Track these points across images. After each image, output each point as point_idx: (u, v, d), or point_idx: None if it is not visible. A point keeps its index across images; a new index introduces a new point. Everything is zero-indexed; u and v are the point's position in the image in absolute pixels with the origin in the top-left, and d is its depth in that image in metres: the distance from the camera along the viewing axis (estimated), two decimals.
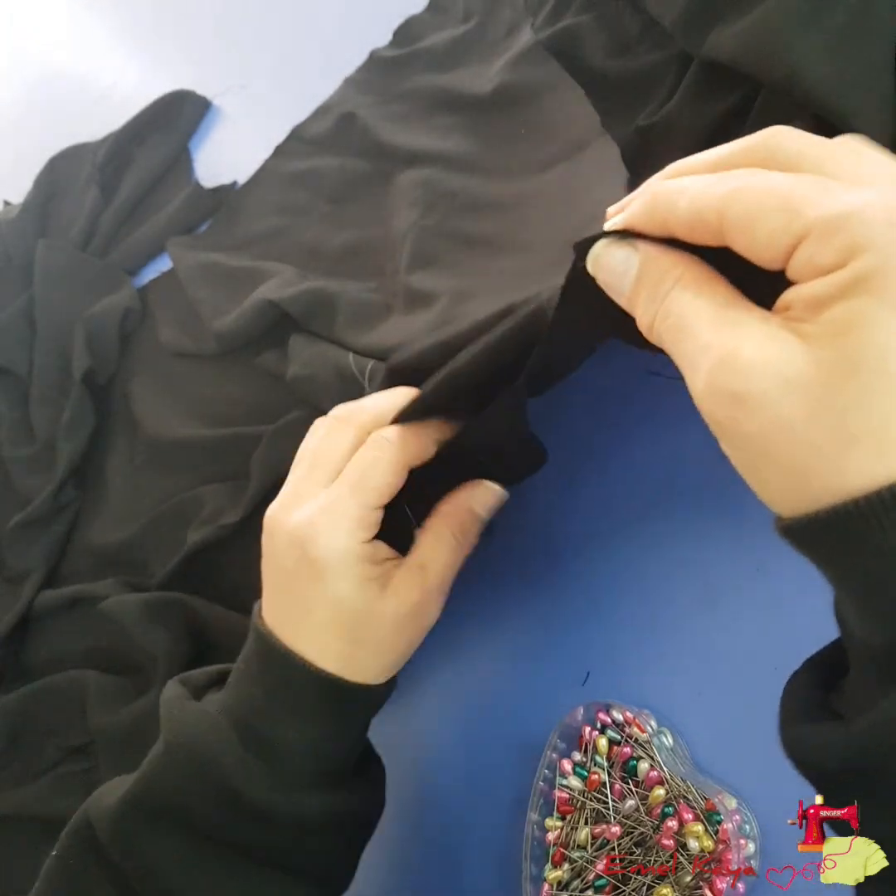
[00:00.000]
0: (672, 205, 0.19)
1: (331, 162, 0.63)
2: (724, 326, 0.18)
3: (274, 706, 0.27)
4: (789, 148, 0.19)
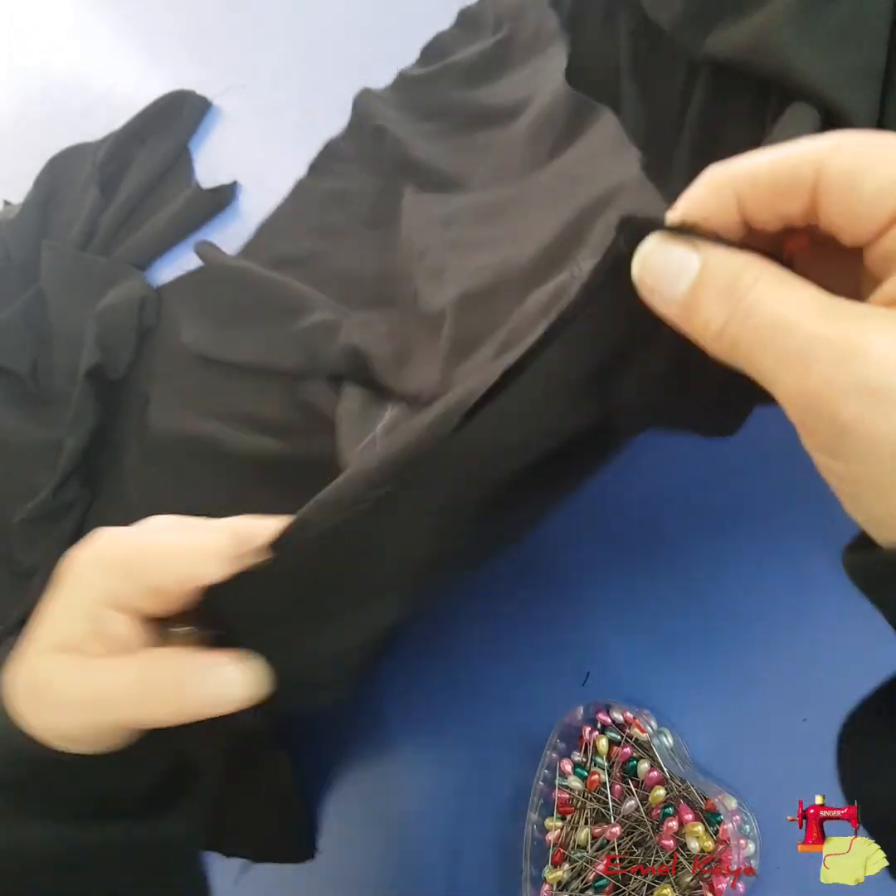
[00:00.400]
0: (749, 170, 0.17)
1: (367, 182, 0.61)
2: (841, 319, 0.16)
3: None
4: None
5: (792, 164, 0.17)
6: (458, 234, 0.51)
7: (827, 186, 0.16)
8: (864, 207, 0.16)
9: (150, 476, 0.57)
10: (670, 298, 0.18)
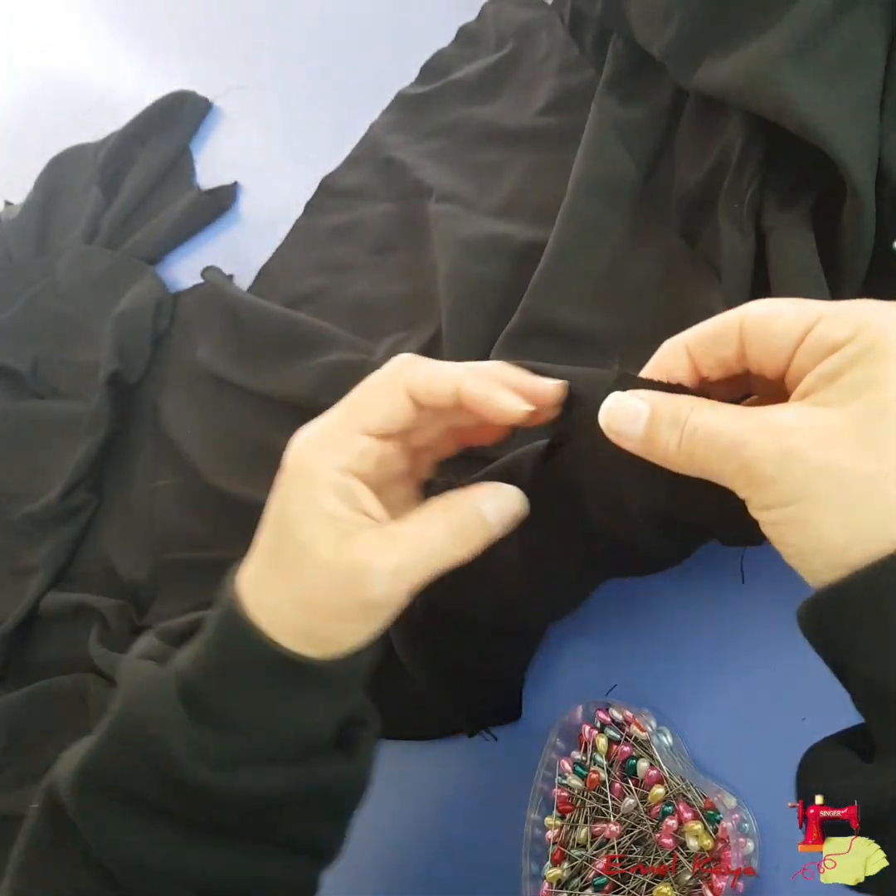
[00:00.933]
0: (693, 329, 0.23)
1: (370, 211, 0.60)
2: (754, 415, 0.21)
3: (226, 678, 0.26)
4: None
5: (723, 319, 0.23)
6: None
7: (748, 330, 0.22)
8: (776, 340, 0.22)
9: (155, 490, 0.57)
10: (633, 436, 0.23)
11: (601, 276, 0.41)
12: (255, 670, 0.26)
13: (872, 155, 0.31)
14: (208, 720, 0.26)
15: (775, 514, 0.21)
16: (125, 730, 0.26)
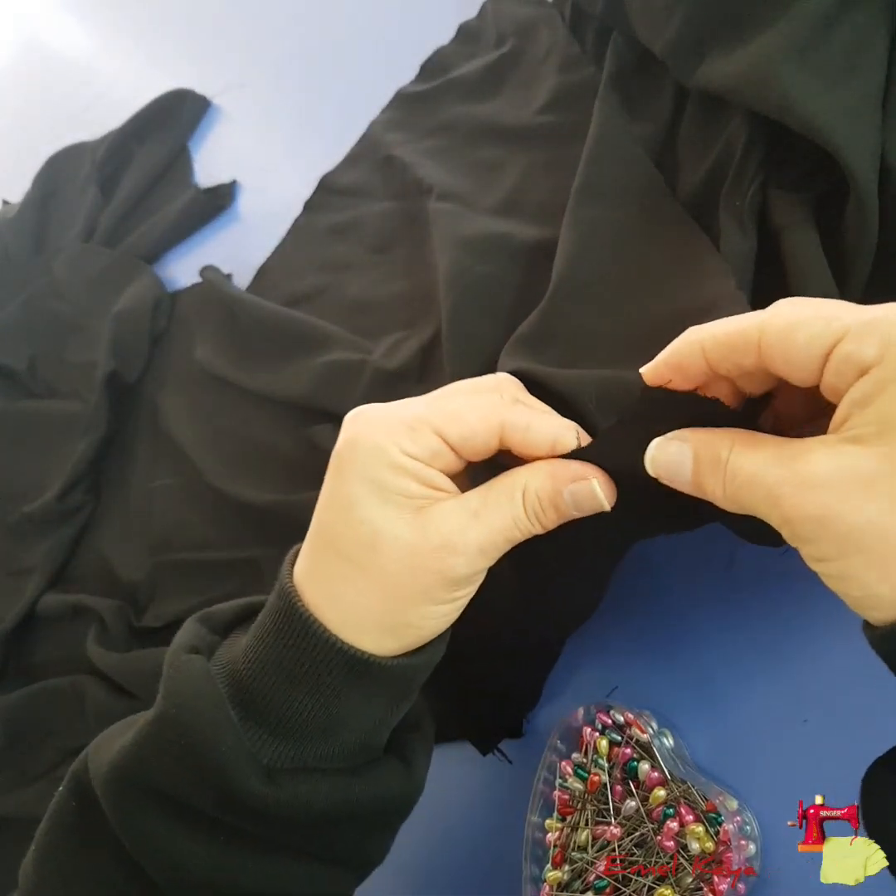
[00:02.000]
0: (710, 331, 0.22)
1: (370, 209, 0.60)
2: (788, 460, 0.20)
3: (286, 677, 0.24)
4: None
5: (741, 328, 0.22)
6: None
7: (768, 343, 0.21)
8: (799, 355, 0.20)
9: (153, 490, 0.57)
10: (684, 483, 0.23)
11: (621, 281, 0.40)
12: (318, 669, 0.24)
13: (875, 153, 0.31)
14: (263, 722, 0.24)
15: (823, 567, 0.20)
16: (169, 730, 0.25)
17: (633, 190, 0.42)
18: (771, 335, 0.21)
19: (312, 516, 0.27)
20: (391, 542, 0.24)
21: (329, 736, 0.25)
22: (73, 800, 0.26)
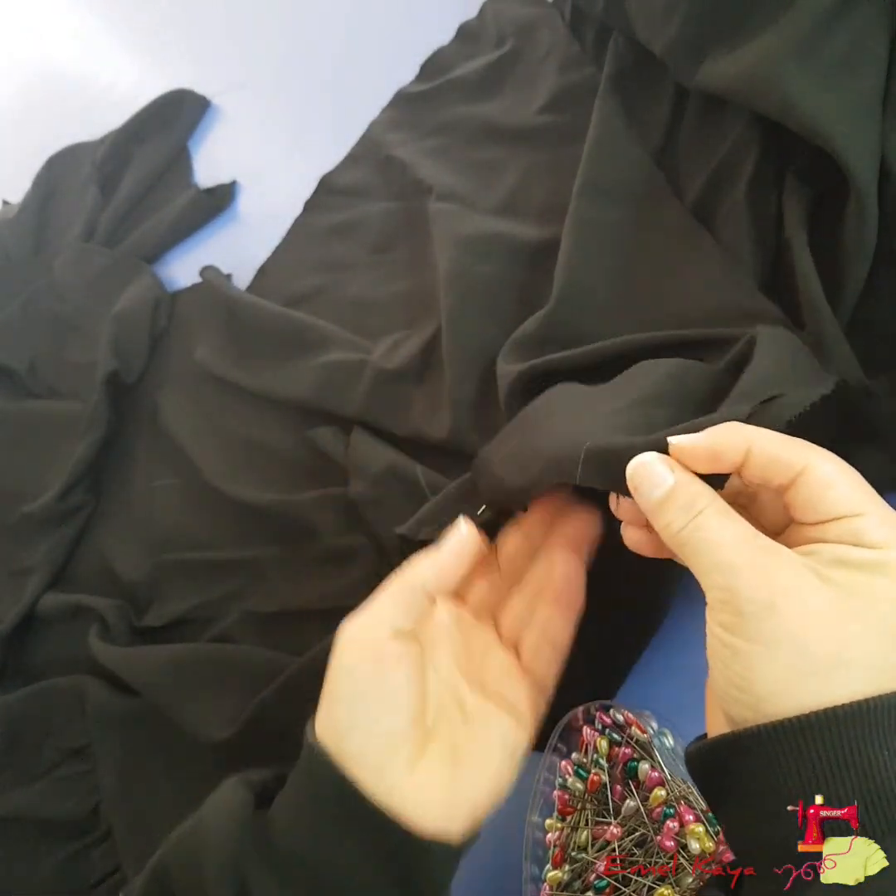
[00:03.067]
0: (761, 441, 0.24)
1: (370, 209, 0.60)
2: (759, 549, 0.22)
3: (293, 810, 0.26)
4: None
5: (788, 459, 0.23)
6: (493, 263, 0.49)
7: (804, 483, 0.23)
8: (820, 506, 0.23)
9: (154, 490, 0.57)
10: (648, 499, 0.25)
11: (624, 285, 0.40)
12: (315, 792, 0.25)
13: (875, 154, 0.31)
14: (276, 867, 0.25)
15: (727, 638, 0.22)
16: (190, 844, 0.26)
17: (634, 190, 0.42)
18: (811, 478, 0.23)
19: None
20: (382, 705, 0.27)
21: (322, 892, 0.25)
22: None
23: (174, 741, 0.46)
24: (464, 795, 0.26)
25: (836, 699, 0.21)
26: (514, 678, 0.30)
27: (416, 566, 0.29)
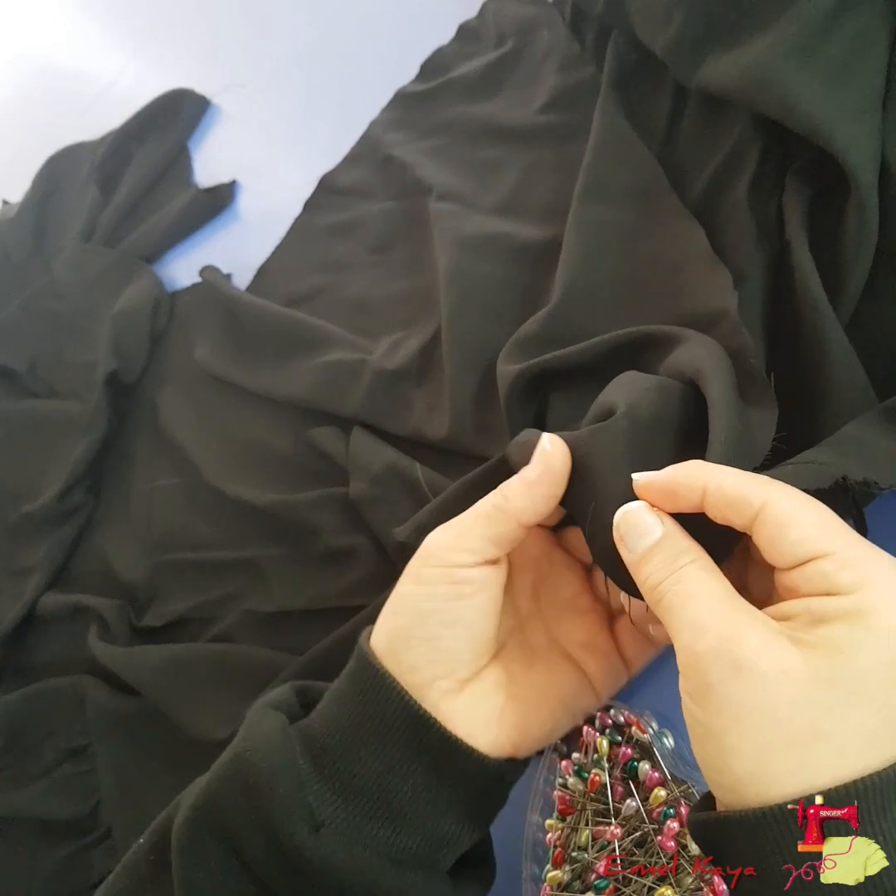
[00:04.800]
0: (718, 480, 0.22)
1: (370, 209, 0.60)
2: (732, 611, 0.21)
3: (354, 735, 0.25)
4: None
5: (744, 493, 0.22)
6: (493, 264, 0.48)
7: (763, 522, 0.21)
8: (784, 546, 0.21)
9: (153, 491, 0.57)
10: (633, 548, 0.24)
11: (628, 285, 0.40)
12: (385, 726, 0.25)
13: (875, 154, 0.31)
14: (329, 779, 0.25)
15: (697, 713, 0.21)
16: (239, 770, 0.25)
17: (637, 190, 0.42)
18: (768, 516, 0.22)
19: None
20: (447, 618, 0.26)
21: (389, 817, 0.25)
22: (152, 854, 0.26)
23: (174, 741, 0.46)
24: (508, 728, 0.26)
25: (815, 781, 0.19)
26: (599, 649, 0.29)
27: (510, 495, 0.26)
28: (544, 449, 0.27)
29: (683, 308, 0.36)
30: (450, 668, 0.26)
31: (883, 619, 0.20)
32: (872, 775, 0.19)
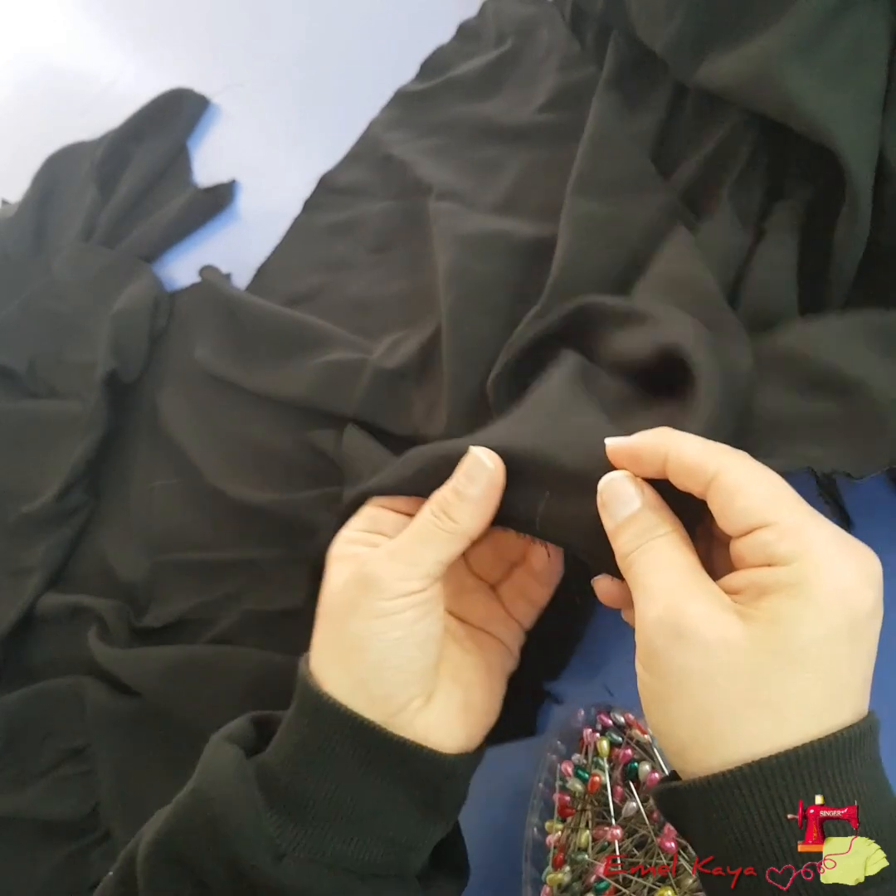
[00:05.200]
0: (678, 446, 0.23)
1: (369, 208, 0.60)
2: (686, 583, 0.22)
3: (302, 760, 0.25)
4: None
5: (701, 463, 0.23)
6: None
7: (716, 489, 0.22)
8: (733, 514, 0.22)
9: (153, 491, 0.57)
10: (613, 516, 0.24)
11: (618, 277, 0.40)
12: (329, 742, 0.25)
13: (873, 154, 0.31)
14: (285, 808, 0.25)
15: (645, 678, 0.22)
16: (198, 803, 0.26)
17: (629, 186, 0.42)
18: (721, 485, 0.22)
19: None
20: (332, 590, 0.27)
21: (348, 832, 0.25)
22: (122, 886, 0.27)
23: (174, 741, 0.46)
24: (473, 715, 0.27)
25: (754, 748, 0.20)
26: (497, 617, 0.31)
27: (459, 517, 0.27)
28: (485, 466, 0.27)
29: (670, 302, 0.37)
30: (424, 684, 0.26)
31: (818, 591, 0.20)
32: (813, 743, 0.20)
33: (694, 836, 0.22)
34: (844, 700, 0.21)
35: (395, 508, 0.30)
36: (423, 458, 0.29)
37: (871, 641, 0.21)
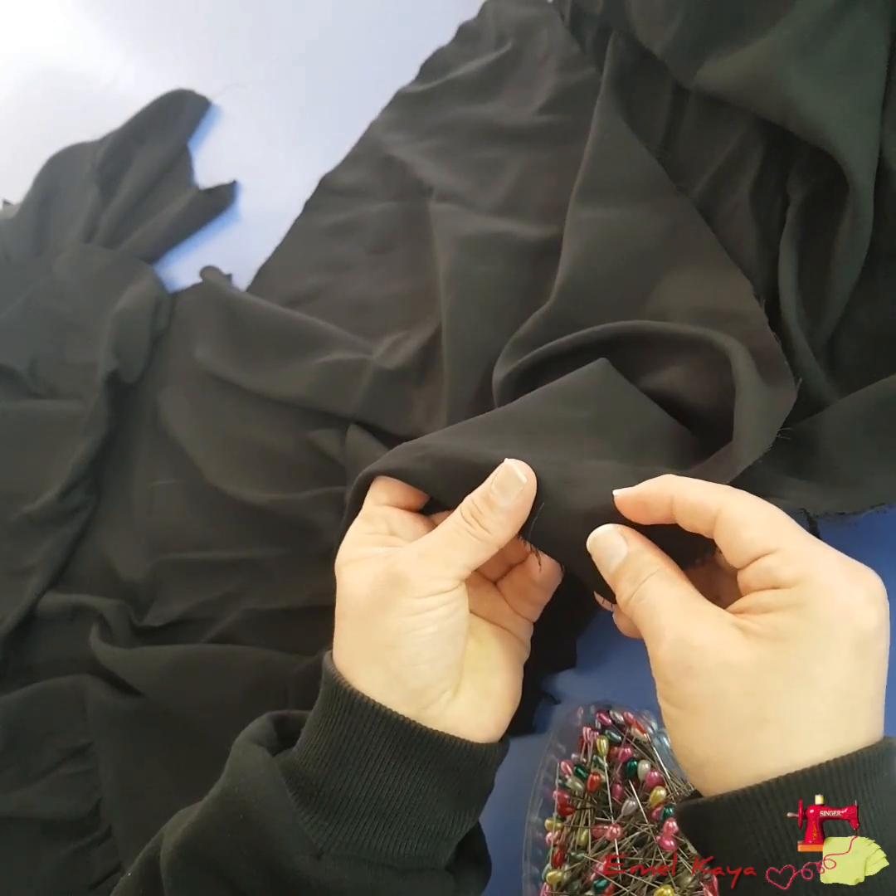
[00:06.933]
0: (682, 490, 0.25)
1: (370, 209, 0.60)
2: (685, 614, 0.23)
3: (335, 759, 0.26)
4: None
5: (704, 503, 0.24)
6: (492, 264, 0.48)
7: (722, 523, 0.23)
8: (740, 544, 0.23)
9: (154, 490, 0.57)
10: (606, 569, 0.26)
11: (628, 282, 0.40)
12: (364, 741, 0.26)
13: (873, 156, 0.31)
14: (318, 807, 0.25)
15: (665, 708, 0.23)
16: (230, 806, 0.26)
17: (636, 189, 0.42)
18: (726, 517, 0.23)
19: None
20: (355, 591, 0.28)
21: (385, 827, 0.26)
22: (142, 886, 0.27)
23: (174, 741, 0.46)
24: (497, 703, 0.28)
25: (764, 765, 0.21)
26: (502, 611, 0.31)
27: (492, 527, 0.27)
28: (519, 479, 0.28)
29: (689, 306, 0.36)
30: (453, 677, 0.27)
31: (822, 610, 0.21)
32: (823, 765, 0.20)
33: (719, 850, 0.22)
34: (856, 717, 0.21)
35: (396, 504, 0.30)
36: (445, 456, 0.29)
37: (878, 659, 0.22)
